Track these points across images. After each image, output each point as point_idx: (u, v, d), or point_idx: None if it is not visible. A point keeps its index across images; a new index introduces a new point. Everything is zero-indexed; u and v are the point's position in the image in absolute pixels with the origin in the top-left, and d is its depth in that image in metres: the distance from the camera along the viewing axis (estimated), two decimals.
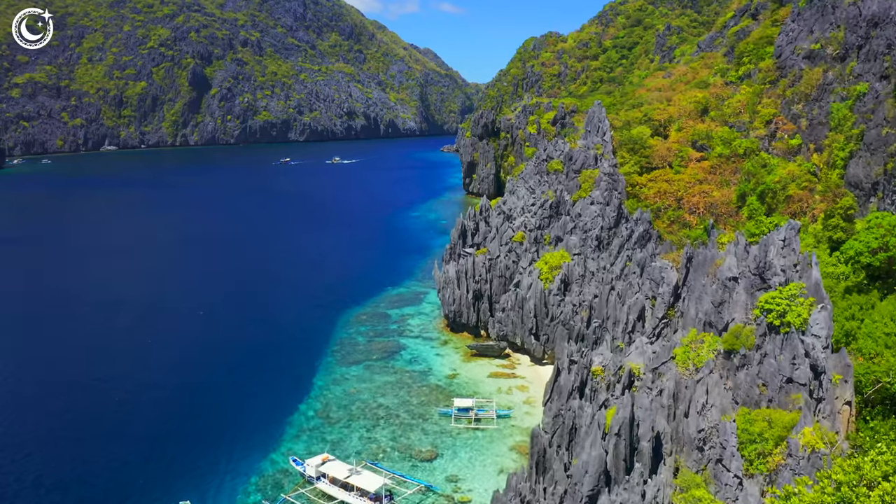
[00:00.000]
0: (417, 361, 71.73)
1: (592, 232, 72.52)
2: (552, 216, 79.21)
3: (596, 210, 73.58)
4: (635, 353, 55.28)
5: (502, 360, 71.77)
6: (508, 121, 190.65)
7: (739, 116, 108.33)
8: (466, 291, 78.15)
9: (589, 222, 73.42)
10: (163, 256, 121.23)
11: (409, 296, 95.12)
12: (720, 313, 50.99)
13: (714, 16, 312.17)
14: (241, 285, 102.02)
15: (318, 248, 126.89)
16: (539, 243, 78.03)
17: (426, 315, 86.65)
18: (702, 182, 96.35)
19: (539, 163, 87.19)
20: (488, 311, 77.83)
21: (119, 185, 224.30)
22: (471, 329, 78.73)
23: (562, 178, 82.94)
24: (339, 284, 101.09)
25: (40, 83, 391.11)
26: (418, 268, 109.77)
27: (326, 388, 65.57)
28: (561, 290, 69.88)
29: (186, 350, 75.02)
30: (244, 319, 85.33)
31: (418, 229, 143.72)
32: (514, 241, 78.77)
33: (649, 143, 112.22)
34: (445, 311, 79.33)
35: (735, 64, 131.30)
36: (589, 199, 75.32)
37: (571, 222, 75.89)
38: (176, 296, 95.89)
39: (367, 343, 77.18)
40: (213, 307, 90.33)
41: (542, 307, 69.76)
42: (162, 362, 71.42)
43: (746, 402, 44.36)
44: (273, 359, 72.79)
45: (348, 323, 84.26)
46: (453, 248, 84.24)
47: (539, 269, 72.21)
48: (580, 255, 71.95)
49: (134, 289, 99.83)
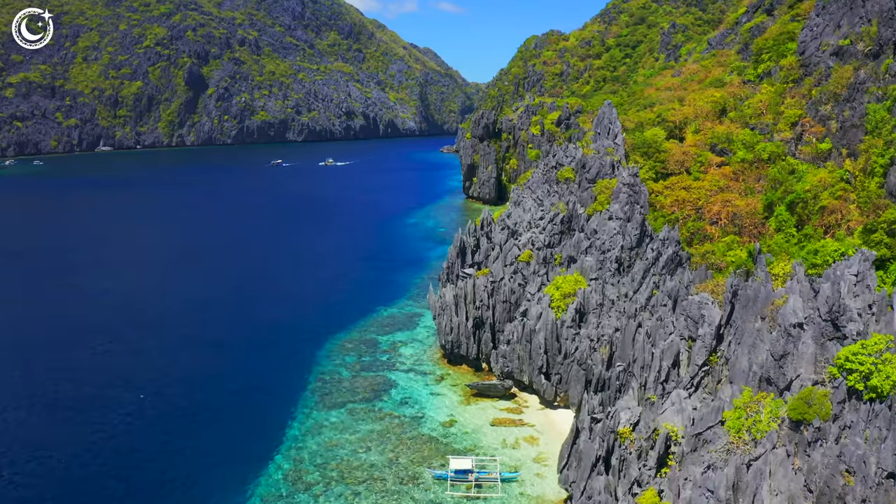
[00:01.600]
0: (409, 403, 61.08)
1: (611, 253, 61.82)
2: (563, 232, 68.51)
3: (615, 227, 62.89)
4: (671, 410, 44.62)
5: (507, 402, 61.17)
6: (510, 121, 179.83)
7: (761, 118, 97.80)
8: (466, 319, 67.50)
9: (607, 241, 62.71)
10: (123, 278, 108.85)
11: (402, 318, 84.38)
12: (781, 368, 40.28)
13: (720, 14, 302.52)
14: (212, 306, 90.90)
15: (302, 262, 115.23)
16: (549, 264, 67.34)
17: (420, 342, 75.98)
18: (723, 190, 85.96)
19: (547, 170, 76.46)
20: (490, 342, 67.18)
21: (85, 188, 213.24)
22: (471, 362, 68.12)
23: (573, 188, 72.23)
24: (324, 304, 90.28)
25: (34, 83, 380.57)
26: (413, 284, 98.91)
27: (301, 440, 54.91)
28: (575, 322, 59.25)
29: (130, 398, 64.21)
30: (212, 347, 74.62)
31: (415, 238, 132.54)
32: (519, 261, 68.11)
33: (664, 146, 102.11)
34: (442, 342, 68.71)
35: (753, 61, 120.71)
36: (606, 213, 64.62)
37: (586, 240, 65.21)
38: (130, 318, 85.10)
39: (352, 378, 66.50)
40: (177, 330, 79.64)
41: (554, 341, 59.13)
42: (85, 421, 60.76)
43: (825, 494, 33.69)
44: (242, 399, 62.16)
45: (332, 352, 73.60)
46: (450, 268, 73.48)
47: (549, 295, 61.58)
48: (597, 279, 61.26)
49: (78, 318, 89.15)
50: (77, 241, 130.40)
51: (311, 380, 66.50)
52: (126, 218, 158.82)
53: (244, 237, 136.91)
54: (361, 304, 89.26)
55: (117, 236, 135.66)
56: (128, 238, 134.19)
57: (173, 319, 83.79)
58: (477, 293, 67.88)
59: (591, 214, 67.26)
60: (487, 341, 67.02)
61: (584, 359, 56.49)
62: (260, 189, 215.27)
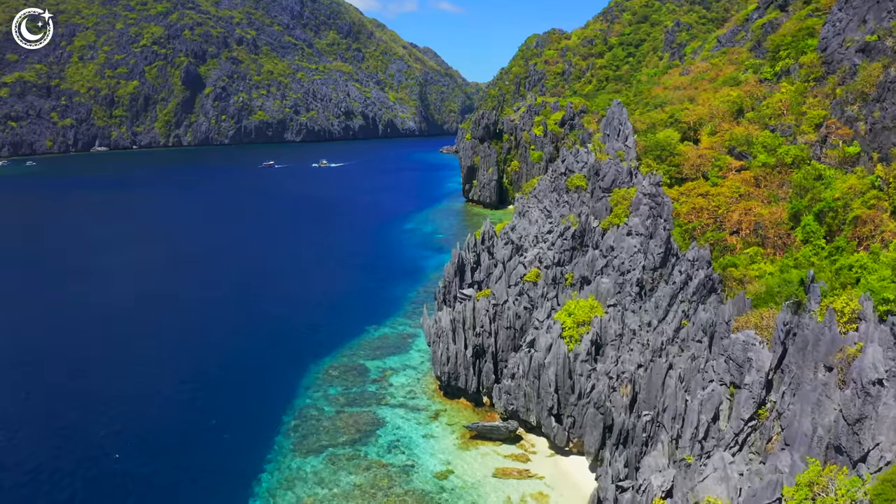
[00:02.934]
0: (399, 447, 52.55)
1: (632, 274, 53.27)
2: (575, 249, 59.97)
3: (635, 244, 54.35)
4: (713, 478, 36.16)
5: (511, 446, 52.68)
6: (511, 122, 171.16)
7: (782, 119, 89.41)
8: (464, 347, 59.00)
9: (626, 260, 54.16)
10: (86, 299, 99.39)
11: (395, 339, 75.74)
12: (857, 434, 31.72)
13: (724, 12, 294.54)
14: (183, 325, 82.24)
15: (286, 275, 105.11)
16: (559, 285, 58.82)
17: (414, 369, 67.42)
18: (744, 197, 77.54)
19: (556, 177, 67.88)
20: (493, 374, 58.66)
21: (63, 189, 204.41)
22: (470, 396, 59.61)
23: (585, 197, 63.68)
24: (309, 323, 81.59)
25: (30, 82, 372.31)
26: (408, 299, 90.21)
27: (272, 496, 46.38)
28: (591, 356, 50.74)
29: (89, 434, 55.74)
30: (180, 373, 66.03)
31: (411, 246, 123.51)
32: (525, 281, 59.57)
33: (679, 149, 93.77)
34: (437, 373, 60.15)
35: (769, 59, 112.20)
36: (624, 227, 56.09)
37: (602, 259, 56.68)
38: (96, 343, 76.65)
39: (336, 415, 57.93)
40: (145, 354, 71.13)
41: (566, 378, 50.63)
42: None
43: None
44: (208, 441, 53.67)
45: (315, 381, 65.06)
46: (447, 288, 64.87)
47: (560, 322, 53.08)
48: (616, 306, 52.73)
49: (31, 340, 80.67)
50: (44, 245, 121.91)
51: (289, 417, 57.98)
52: (90, 226, 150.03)
53: (223, 247, 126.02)
54: (351, 323, 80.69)
55: (75, 245, 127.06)
56: (84, 248, 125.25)
57: (137, 342, 75.24)
58: (477, 318, 59.37)
59: (606, 228, 58.74)
60: (489, 373, 58.52)
61: (601, 400, 47.97)
62: (247, 192, 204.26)
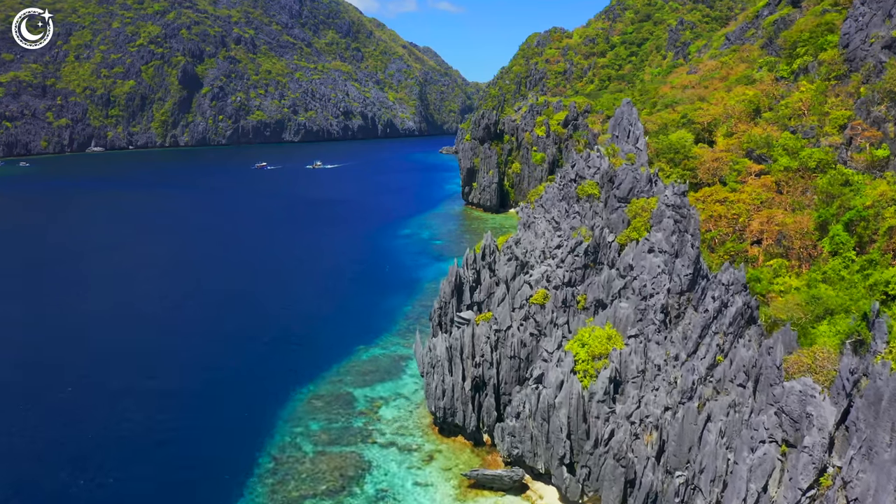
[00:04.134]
0: (386, 499, 44.97)
1: (655, 299, 45.69)
2: (588, 267, 52.40)
3: (658, 263, 46.77)
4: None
5: (516, 497, 45.19)
6: (513, 122, 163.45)
7: (803, 120, 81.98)
8: (462, 379, 51.46)
9: (648, 282, 46.59)
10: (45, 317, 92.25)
11: (386, 363, 68.07)
12: None
13: (727, 10, 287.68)
14: (153, 343, 74.73)
15: (271, 287, 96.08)
16: (570, 308, 51.25)
17: (406, 399, 59.83)
18: (766, 204, 70.12)
19: (565, 184, 60.26)
20: (494, 410, 51.14)
21: (43, 192, 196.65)
22: (468, 434, 52.07)
23: (599, 207, 56.08)
24: (294, 342, 73.92)
25: (25, 82, 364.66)
26: (402, 314, 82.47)
27: None
28: (609, 395, 43.21)
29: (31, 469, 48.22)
30: (145, 403, 58.56)
31: (407, 253, 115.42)
32: (532, 304, 52.00)
33: (693, 151, 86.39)
34: (432, 408, 52.54)
35: (786, 56, 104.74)
36: (645, 243, 48.51)
37: (619, 279, 49.11)
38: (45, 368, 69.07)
39: (316, 457, 50.31)
40: (105, 379, 63.60)
41: (580, 422, 43.10)
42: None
43: None
44: (177, 480, 46.23)
45: (296, 412, 57.50)
46: (443, 310, 57.20)
47: (573, 354, 45.58)
48: (638, 337, 45.17)
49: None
50: (19, 251, 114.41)
51: (265, 457, 50.45)
52: (58, 233, 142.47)
53: (199, 256, 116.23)
54: (339, 342, 73.06)
55: (41, 253, 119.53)
56: (48, 258, 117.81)
57: (103, 364, 67.70)
58: (477, 345, 51.82)
59: (623, 244, 51.16)
60: (490, 409, 50.98)
61: (622, 450, 40.45)
62: (233, 196, 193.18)
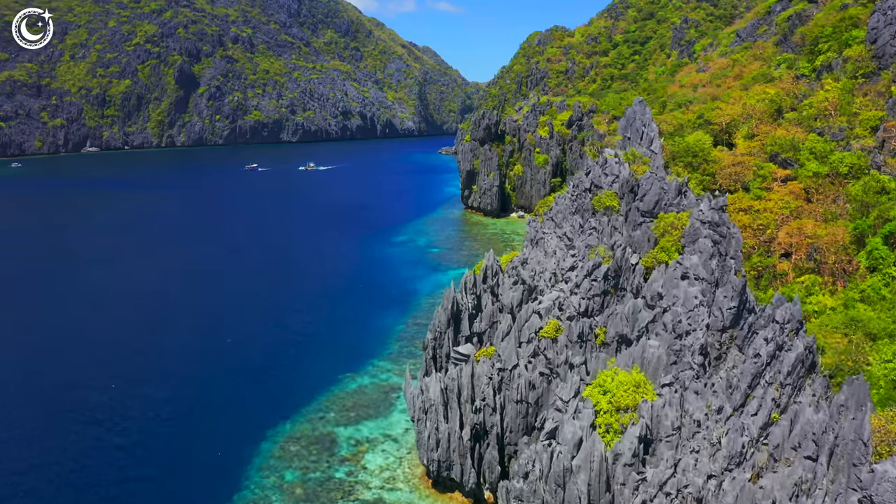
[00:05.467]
0: None
1: (692, 338, 37.26)
2: (608, 293, 43.97)
3: (695, 293, 38.36)
4: None
5: None
6: (515, 122, 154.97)
7: (830, 121, 73.73)
8: (460, 427, 43.09)
9: (683, 316, 38.18)
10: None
11: (374, 395, 59.49)
12: None
13: (731, 9, 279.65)
14: (111, 369, 66.24)
15: (250, 304, 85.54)
16: (587, 343, 42.85)
17: (395, 441, 51.37)
18: (795, 213, 61.90)
19: (579, 194, 51.81)
20: (498, 463, 42.77)
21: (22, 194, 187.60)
22: (467, 491, 43.69)
23: (618, 222, 47.66)
24: (272, 368, 65.15)
25: (19, 81, 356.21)
26: (394, 335, 73.86)
27: None
28: (638, 457, 34.89)
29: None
30: (106, 443, 50.23)
31: (402, 264, 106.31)
32: (542, 337, 43.61)
33: (713, 154, 78.21)
34: (424, 459, 44.14)
35: (807, 53, 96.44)
36: (677, 268, 40.09)
37: (646, 310, 40.68)
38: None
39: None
40: (58, 414, 55.22)
41: (603, 490, 34.75)
42: None
43: None
44: None
45: (269, 459, 49.03)
46: (438, 342, 48.65)
47: (593, 403, 37.23)
48: (673, 385, 36.77)
49: None
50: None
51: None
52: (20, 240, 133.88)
53: (176, 267, 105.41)
54: (323, 368, 64.57)
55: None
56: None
57: (58, 400, 59.35)
58: (477, 386, 43.46)
59: (650, 267, 42.77)
60: (493, 463, 42.60)
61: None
62: (219, 200, 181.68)
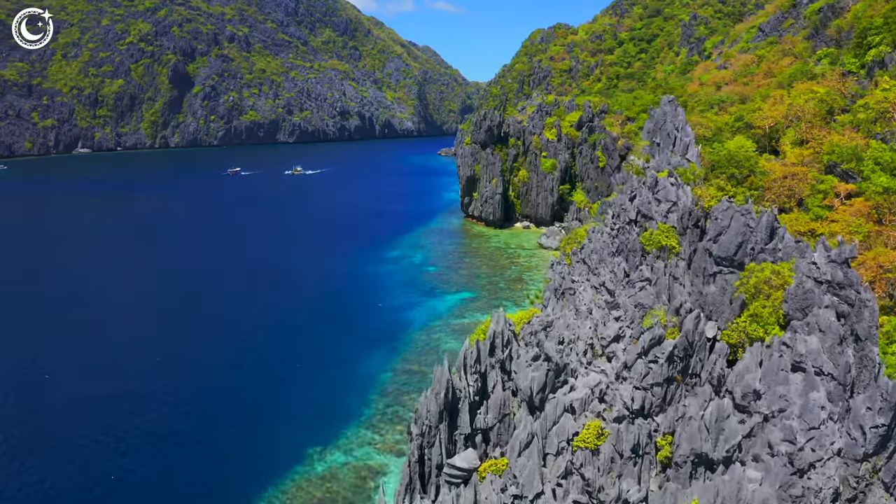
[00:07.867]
0: None
1: (819, 474, 23.08)
2: (672, 381, 29.67)
3: (818, 399, 24.11)
4: None
5: None
6: (519, 123, 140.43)
7: (893, 125, 59.15)
8: None
9: (799, 434, 23.98)
10: None
11: (348, 481, 44.91)
12: None
13: (740, 6, 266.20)
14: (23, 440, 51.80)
15: (203, 341, 69.29)
16: (644, 457, 28.63)
17: None
18: (868, 239, 47.28)
19: (620, 227, 37.48)
20: None
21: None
22: None
23: (678, 269, 33.35)
24: (216, 437, 49.84)
25: (10, 81, 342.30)
26: (377, 387, 58.93)
27: None
28: None
29: None
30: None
31: (393, 286, 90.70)
32: (578, 448, 29.36)
33: (761, 165, 63.58)
34: None
35: (853, 47, 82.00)
36: (782, 351, 25.81)
37: (736, 414, 26.40)
38: None
39: None
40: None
41: None
42: None
43: None
44: None
45: None
46: (425, 445, 34.15)
47: None
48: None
49: None
50: None
51: None
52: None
53: (125, 289, 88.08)
54: (283, 437, 49.86)
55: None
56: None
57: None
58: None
59: (736, 346, 28.48)
60: None
61: None
62: (194, 207, 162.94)
